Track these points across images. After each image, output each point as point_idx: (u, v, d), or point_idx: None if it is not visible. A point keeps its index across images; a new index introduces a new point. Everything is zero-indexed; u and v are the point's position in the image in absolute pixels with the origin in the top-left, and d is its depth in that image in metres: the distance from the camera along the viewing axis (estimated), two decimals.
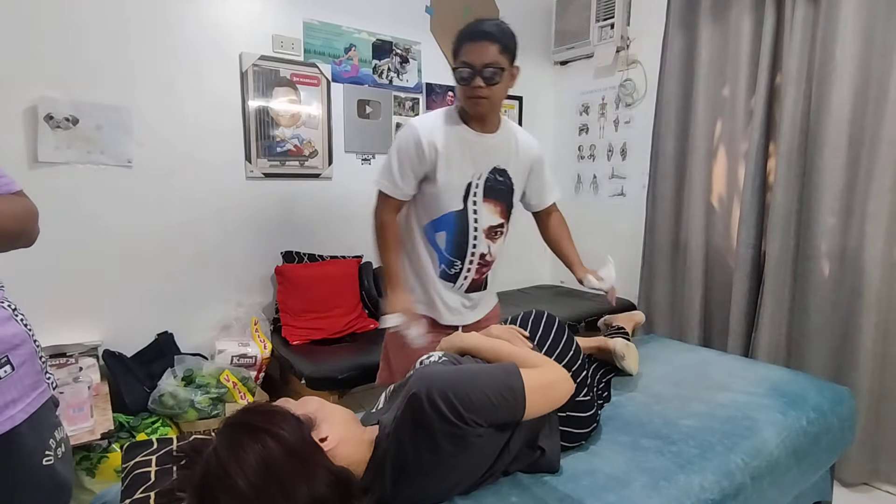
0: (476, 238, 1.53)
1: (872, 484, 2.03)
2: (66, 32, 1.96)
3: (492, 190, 1.53)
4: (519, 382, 0.94)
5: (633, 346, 1.56)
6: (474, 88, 1.37)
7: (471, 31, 1.38)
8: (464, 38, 1.39)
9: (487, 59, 1.35)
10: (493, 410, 0.90)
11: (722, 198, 2.53)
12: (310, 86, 2.56)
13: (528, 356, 1.07)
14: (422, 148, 1.43)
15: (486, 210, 1.53)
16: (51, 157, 1.96)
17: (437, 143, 1.44)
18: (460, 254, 1.54)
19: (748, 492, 1.15)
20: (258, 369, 2.32)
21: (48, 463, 0.96)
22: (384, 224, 1.51)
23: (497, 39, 1.36)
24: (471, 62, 1.36)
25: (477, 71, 1.36)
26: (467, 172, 1.49)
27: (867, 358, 1.95)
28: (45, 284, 1.99)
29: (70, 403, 1.59)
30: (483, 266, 1.58)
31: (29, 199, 0.99)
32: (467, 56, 1.37)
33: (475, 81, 1.37)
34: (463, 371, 0.98)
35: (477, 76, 1.36)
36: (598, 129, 3.25)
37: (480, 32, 1.36)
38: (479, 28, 1.37)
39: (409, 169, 1.45)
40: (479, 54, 1.35)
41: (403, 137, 1.46)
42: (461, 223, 1.51)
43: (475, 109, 1.43)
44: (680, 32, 2.60)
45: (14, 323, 0.95)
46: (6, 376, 0.89)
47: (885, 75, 1.90)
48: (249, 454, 0.72)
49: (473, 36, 1.37)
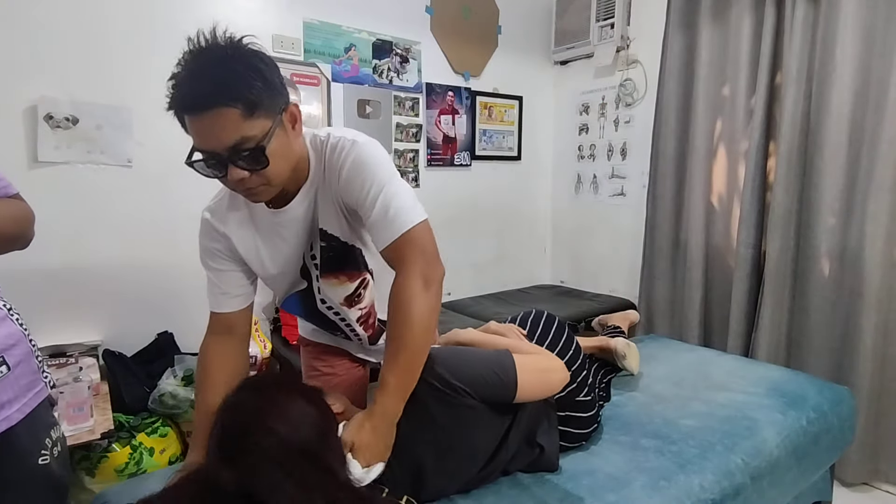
0: (339, 312, 1.19)
1: (872, 484, 2.03)
2: (66, 33, 1.96)
3: (327, 262, 1.12)
4: (510, 360, 0.97)
5: (633, 345, 1.56)
6: (237, 183, 0.89)
7: (182, 95, 0.86)
8: (180, 106, 0.87)
9: (228, 140, 0.84)
10: (482, 382, 0.92)
11: (722, 197, 2.53)
12: (310, 85, 2.56)
13: (524, 346, 1.08)
14: (215, 242, 1.10)
15: (329, 286, 1.14)
16: (51, 157, 1.96)
17: (230, 234, 1.09)
18: (330, 328, 1.25)
19: (748, 492, 1.15)
20: (258, 369, 2.31)
21: (44, 462, 0.95)
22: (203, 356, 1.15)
23: (228, 99, 0.82)
24: (206, 147, 0.86)
25: (224, 158, 0.86)
26: (289, 254, 1.11)
27: (867, 358, 1.95)
28: (45, 284, 1.99)
29: (70, 403, 1.59)
30: (369, 318, 1.22)
31: (25, 203, 0.99)
32: (197, 140, 0.87)
33: (233, 174, 0.87)
34: (455, 349, 1.03)
35: (228, 164, 0.87)
36: (598, 129, 3.25)
37: (198, 99, 0.84)
38: (194, 90, 0.85)
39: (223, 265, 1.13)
40: (211, 136, 0.85)
41: (200, 233, 1.14)
42: (308, 303, 1.20)
43: (257, 201, 0.99)
44: (680, 32, 2.60)
45: (9, 322, 0.95)
46: (1, 377, 0.88)
47: (885, 75, 1.90)
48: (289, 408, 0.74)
49: (190, 106, 0.85)
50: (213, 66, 0.86)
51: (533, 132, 3.49)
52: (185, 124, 0.89)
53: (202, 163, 0.89)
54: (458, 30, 3.02)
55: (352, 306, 1.17)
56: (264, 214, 1.06)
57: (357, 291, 1.17)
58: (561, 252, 3.62)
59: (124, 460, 1.75)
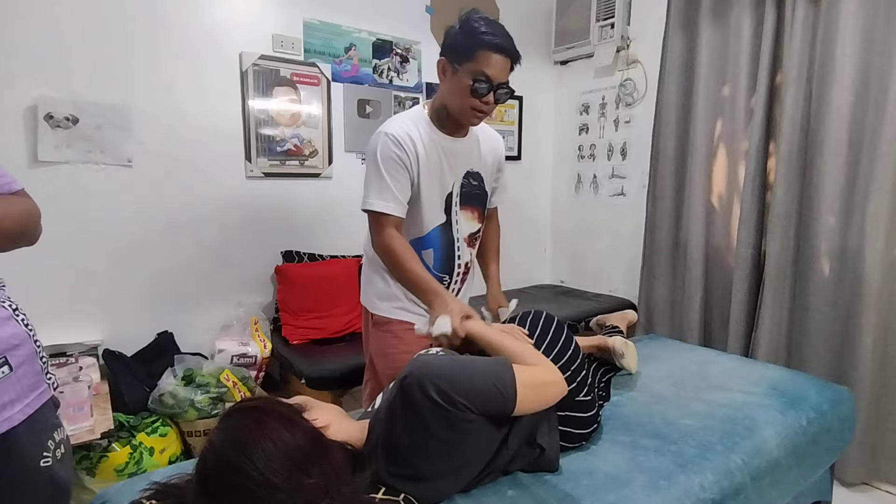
0: (460, 249, 1.47)
1: (872, 484, 2.03)
2: (66, 32, 1.96)
3: (468, 196, 1.46)
4: (510, 375, 0.96)
5: (631, 344, 1.56)
6: (485, 104, 1.29)
7: (495, 42, 1.25)
8: (486, 44, 1.25)
9: (506, 77, 1.28)
10: (483, 397, 0.92)
11: (722, 198, 2.53)
12: (310, 85, 2.56)
13: (527, 354, 1.07)
14: (405, 154, 1.31)
15: (465, 218, 1.46)
16: (51, 157, 1.96)
17: (418, 150, 1.33)
18: (448, 269, 1.47)
19: (748, 491, 1.15)
20: (258, 369, 2.32)
21: (46, 465, 0.95)
22: (394, 245, 1.30)
23: (516, 58, 1.29)
24: (492, 77, 1.26)
25: (493, 87, 1.27)
26: (447, 181, 1.40)
27: (867, 358, 1.95)
28: (46, 284, 1.99)
29: (70, 403, 1.60)
30: (465, 274, 1.53)
31: (31, 199, 0.99)
32: (489, 68, 1.25)
33: (488, 97, 1.28)
34: (456, 359, 1.01)
35: (491, 92, 1.27)
36: (598, 129, 3.25)
37: (507, 48, 1.26)
38: (503, 42, 1.25)
39: (404, 178, 1.32)
40: (503, 71, 1.27)
41: (383, 145, 1.32)
42: (446, 237, 1.44)
43: (472, 122, 1.36)
44: (680, 32, 2.60)
45: (14, 323, 0.94)
46: (3, 377, 0.88)
47: (885, 75, 1.90)
48: (260, 438, 0.73)
49: (500, 48, 1.25)
50: (507, 33, 1.29)
51: (533, 132, 3.49)
52: (470, 57, 1.25)
53: (479, 83, 1.25)
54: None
55: (472, 246, 1.51)
56: (443, 140, 1.38)
57: (478, 233, 1.52)
58: (561, 252, 3.62)
59: (124, 460, 1.75)
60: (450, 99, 1.33)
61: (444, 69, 1.34)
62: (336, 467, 0.78)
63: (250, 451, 0.71)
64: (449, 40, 1.32)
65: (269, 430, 0.74)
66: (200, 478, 0.74)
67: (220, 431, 0.76)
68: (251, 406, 0.80)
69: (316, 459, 0.76)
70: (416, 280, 1.29)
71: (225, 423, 0.77)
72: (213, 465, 0.73)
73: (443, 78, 1.35)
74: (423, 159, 1.34)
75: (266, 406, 0.79)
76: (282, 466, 0.72)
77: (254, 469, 0.70)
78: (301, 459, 0.74)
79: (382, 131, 1.33)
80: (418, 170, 1.34)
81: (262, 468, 0.70)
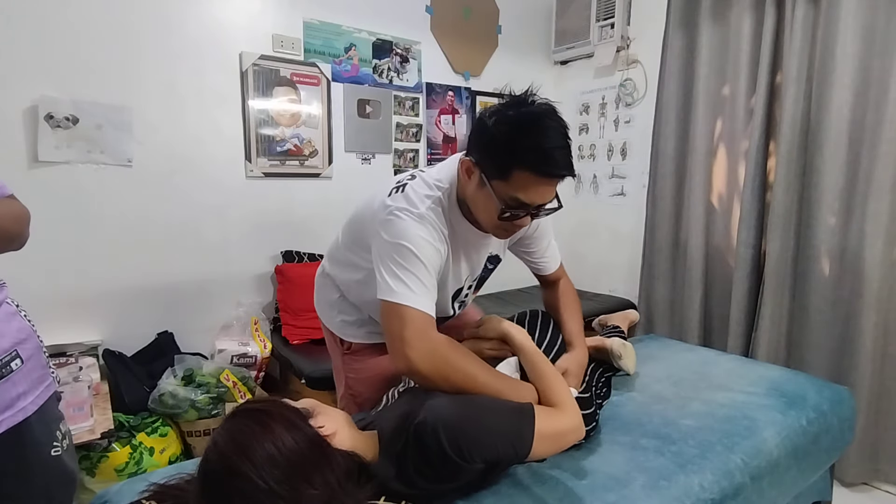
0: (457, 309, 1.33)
1: (872, 484, 2.03)
2: (67, 32, 1.96)
3: (481, 281, 1.30)
4: (530, 429, 0.92)
5: (629, 345, 1.56)
6: (517, 226, 1.04)
7: (541, 168, 0.94)
8: (528, 166, 0.94)
9: (550, 197, 1.01)
10: (495, 454, 0.89)
11: (722, 197, 2.53)
12: (310, 85, 2.56)
13: (557, 389, 1.04)
14: (439, 250, 1.06)
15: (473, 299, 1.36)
16: (51, 157, 1.96)
17: (449, 247, 1.10)
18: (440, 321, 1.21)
19: (748, 491, 1.15)
20: (258, 369, 2.32)
21: (56, 454, 0.99)
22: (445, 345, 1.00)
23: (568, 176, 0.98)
24: (531, 202, 0.98)
25: (531, 210, 1.00)
26: (462, 278, 1.21)
27: (867, 358, 1.95)
28: (46, 283, 1.99)
29: (70, 403, 1.60)
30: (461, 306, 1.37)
31: (20, 203, 1.00)
32: (528, 195, 0.97)
33: (522, 221, 1.03)
34: (474, 405, 0.93)
35: (528, 216, 1.02)
36: (598, 129, 3.25)
37: (557, 172, 0.96)
38: (560, 160, 0.95)
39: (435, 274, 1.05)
40: (545, 195, 0.99)
41: (418, 238, 1.01)
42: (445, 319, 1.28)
43: (499, 237, 1.13)
44: (680, 32, 2.60)
45: (19, 318, 0.98)
46: (17, 369, 0.92)
47: (885, 75, 1.90)
48: (264, 443, 0.72)
49: (551, 171, 0.95)
50: (566, 139, 0.97)
51: None
52: (504, 175, 0.96)
53: (514, 210, 0.99)
54: (458, 30, 3.02)
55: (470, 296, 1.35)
56: (469, 234, 1.14)
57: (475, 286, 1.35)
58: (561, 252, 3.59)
59: (124, 460, 1.75)
60: (474, 206, 1.06)
61: (468, 171, 1.03)
62: (340, 477, 0.77)
63: (252, 454, 0.70)
64: (480, 137, 1.00)
65: (274, 435, 0.73)
66: (203, 478, 0.74)
67: (223, 432, 0.74)
68: (257, 408, 0.78)
69: (320, 468, 0.75)
70: (498, 391, 1.01)
71: (229, 424, 0.76)
72: (215, 466, 0.73)
73: (466, 180, 1.05)
74: (449, 256, 1.12)
75: (272, 409, 0.77)
76: (284, 473, 0.70)
77: (255, 474, 0.69)
78: (304, 467, 0.73)
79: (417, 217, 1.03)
80: (442, 265, 1.10)
81: (263, 474, 0.69)
